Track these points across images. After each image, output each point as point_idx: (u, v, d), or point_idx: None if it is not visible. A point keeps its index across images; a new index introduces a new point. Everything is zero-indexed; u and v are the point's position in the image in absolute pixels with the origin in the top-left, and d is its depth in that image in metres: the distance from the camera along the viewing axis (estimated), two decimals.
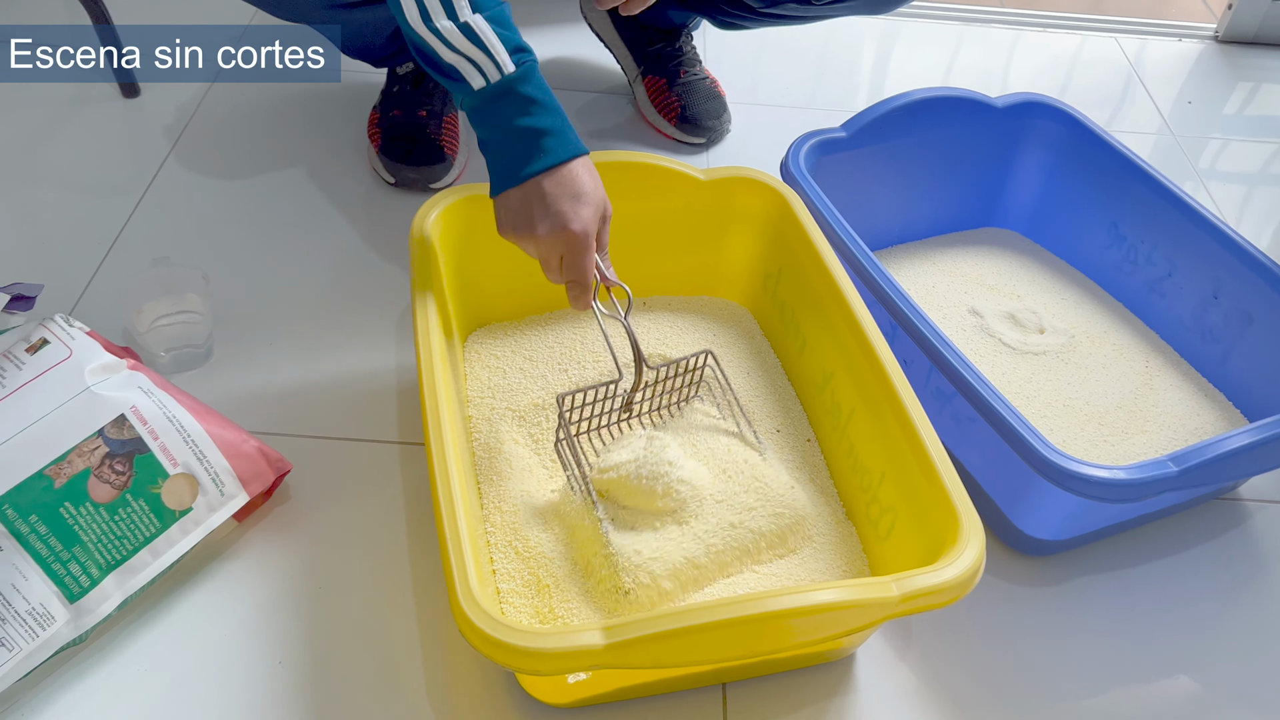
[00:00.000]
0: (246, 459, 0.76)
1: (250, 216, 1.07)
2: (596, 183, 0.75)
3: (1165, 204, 0.94)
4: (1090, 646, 0.79)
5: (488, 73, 0.73)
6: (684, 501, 0.76)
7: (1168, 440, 0.87)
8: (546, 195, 0.73)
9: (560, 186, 0.74)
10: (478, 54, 0.73)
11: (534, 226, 0.73)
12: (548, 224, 0.73)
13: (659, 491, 0.75)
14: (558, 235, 0.73)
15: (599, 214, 0.75)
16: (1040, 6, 1.61)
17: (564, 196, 0.73)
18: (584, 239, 0.73)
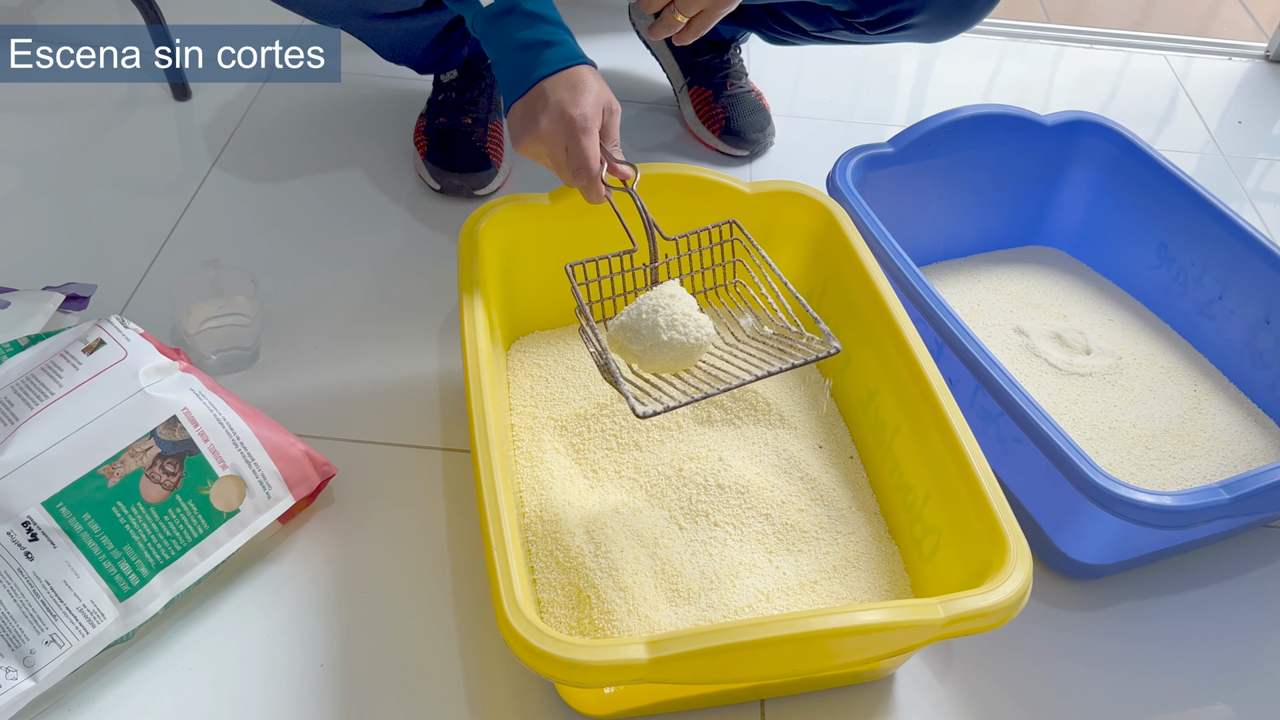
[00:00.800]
0: (293, 462, 0.77)
1: (297, 220, 1.08)
2: (601, 83, 0.78)
3: (1217, 226, 0.93)
4: (1133, 673, 0.78)
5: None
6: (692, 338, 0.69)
7: (1216, 466, 0.86)
8: (546, 92, 0.77)
9: (559, 82, 0.77)
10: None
11: (537, 123, 0.76)
12: (547, 115, 0.76)
13: (662, 324, 0.69)
14: (557, 123, 0.76)
15: (600, 104, 0.77)
16: (1085, 23, 1.60)
17: (562, 88, 0.77)
18: (581, 122, 0.75)
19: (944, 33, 1.04)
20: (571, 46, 0.79)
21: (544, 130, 0.77)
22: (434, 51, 1.10)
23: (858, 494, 0.82)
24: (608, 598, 0.72)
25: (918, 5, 0.99)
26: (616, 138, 0.79)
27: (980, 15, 1.02)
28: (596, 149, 0.77)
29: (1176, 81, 1.47)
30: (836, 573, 0.76)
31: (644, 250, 0.79)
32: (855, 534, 0.78)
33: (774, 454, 0.83)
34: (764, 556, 0.77)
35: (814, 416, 0.87)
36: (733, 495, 0.80)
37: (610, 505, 0.79)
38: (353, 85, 1.27)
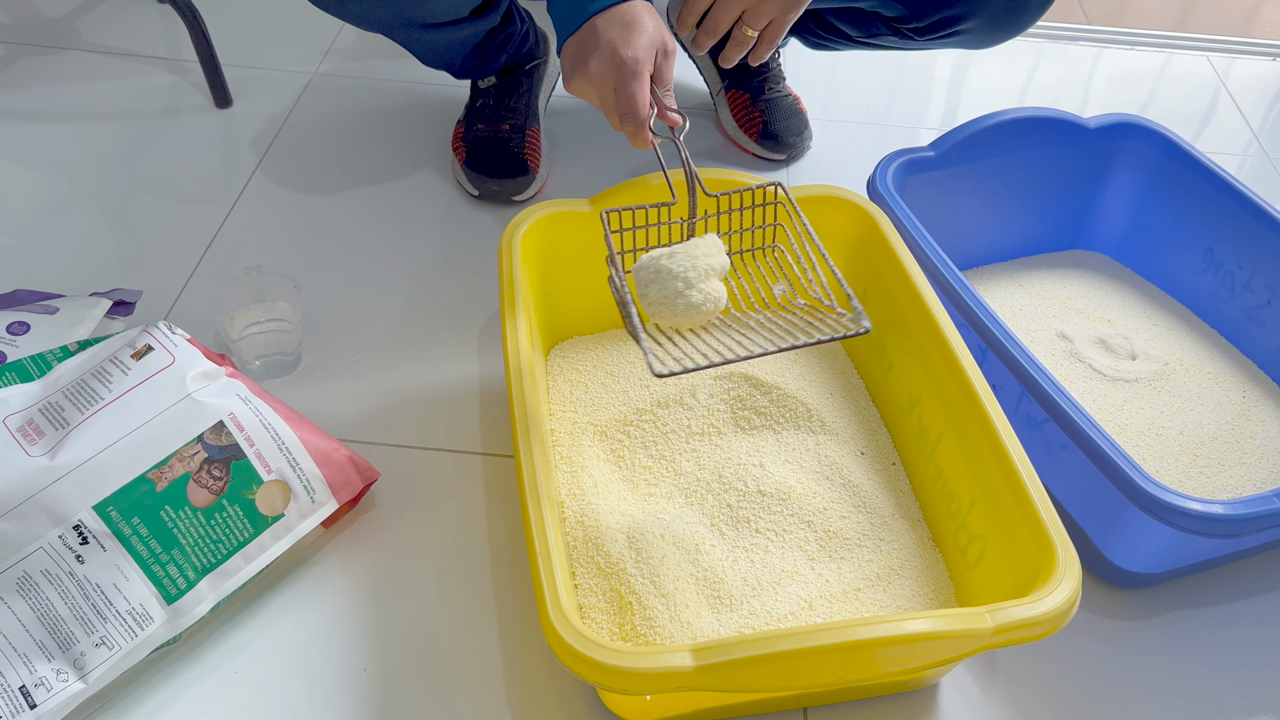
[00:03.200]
0: (337, 467, 0.77)
1: (337, 226, 1.09)
2: (656, 21, 0.75)
3: (1266, 229, 0.91)
4: (1180, 684, 0.77)
5: None
6: (695, 300, 0.67)
7: (1267, 474, 0.84)
8: (598, 30, 0.73)
9: (612, 20, 0.73)
10: None
11: (587, 64, 0.74)
12: (597, 56, 0.73)
13: (677, 272, 0.66)
14: (607, 65, 0.73)
15: (653, 45, 0.74)
16: (1124, 24, 1.58)
17: (614, 27, 0.73)
18: (632, 65, 0.72)
19: (993, 39, 1.03)
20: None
21: (593, 72, 0.74)
22: (474, 58, 1.10)
23: (901, 501, 0.81)
24: (649, 604, 0.72)
25: (968, 11, 0.98)
26: (669, 81, 0.76)
27: (1031, 21, 1.00)
28: (646, 94, 0.73)
29: (1219, 82, 1.45)
30: (880, 580, 0.75)
31: (683, 204, 0.76)
32: (898, 541, 0.78)
33: (815, 460, 0.83)
34: (806, 564, 0.76)
35: (856, 422, 0.87)
36: (774, 501, 0.79)
37: (651, 511, 0.79)
38: (391, 93, 1.28)
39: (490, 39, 1.09)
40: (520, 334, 0.76)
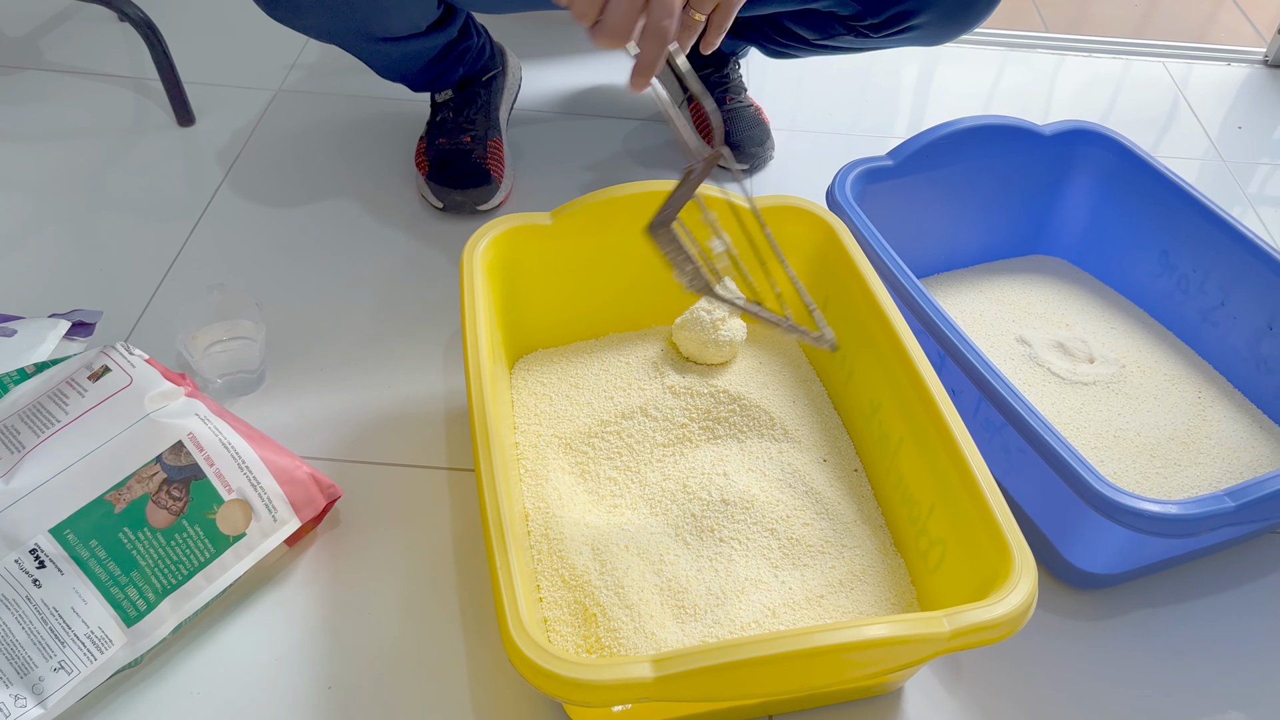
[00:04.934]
0: (299, 485, 0.77)
1: (301, 243, 1.09)
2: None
3: (1219, 232, 0.93)
4: (1143, 682, 0.77)
5: None
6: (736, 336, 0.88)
7: (1222, 473, 0.86)
8: None
9: None
10: None
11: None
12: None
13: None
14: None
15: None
16: (1084, 31, 1.60)
17: None
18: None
19: (946, 34, 1.04)
20: None
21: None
22: (430, 71, 1.11)
23: (863, 507, 0.82)
24: (614, 615, 0.72)
25: (921, 5, 0.99)
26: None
27: (983, 15, 1.01)
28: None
29: (1176, 88, 1.47)
30: (843, 586, 0.76)
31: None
32: (861, 547, 0.78)
33: (778, 468, 0.83)
34: (770, 572, 0.77)
35: (818, 430, 0.87)
36: (738, 510, 0.80)
37: (616, 522, 0.79)
38: (355, 108, 1.28)
39: (447, 52, 1.10)
40: (481, 348, 0.76)
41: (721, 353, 0.90)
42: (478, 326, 0.78)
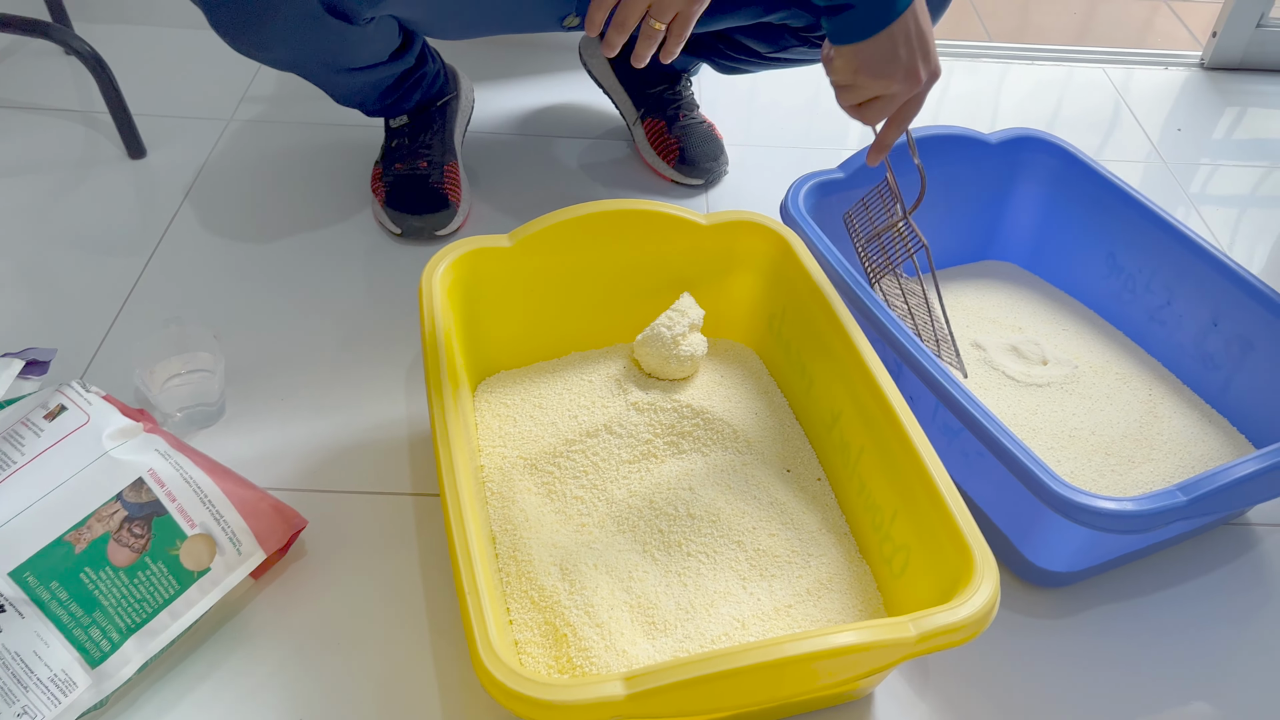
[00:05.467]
0: (263, 517, 0.77)
1: (259, 272, 1.08)
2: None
3: (1161, 233, 0.95)
4: (1108, 677, 0.79)
5: None
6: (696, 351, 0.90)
7: (1174, 468, 0.88)
8: (923, 33, 0.76)
9: (926, 19, 0.76)
10: None
11: (915, 69, 0.76)
12: (927, 67, 0.77)
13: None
14: (932, 80, 0.77)
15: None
16: (1027, 39, 1.64)
17: (931, 35, 0.76)
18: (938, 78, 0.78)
19: None
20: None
21: (920, 79, 0.77)
22: (387, 97, 1.11)
23: (827, 516, 0.83)
24: (584, 634, 0.72)
25: None
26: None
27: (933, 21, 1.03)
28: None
29: (1117, 93, 1.51)
30: (810, 595, 0.77)
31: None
32: (826, 556, 0.79)
33: (743, 481, 0.84)
34: (738, 584, 0.77)
35: (781, 441, 0.88)
36: (704, 524, 0.80)
37: (583, 541, 0.80)
38: (310, 135, 1.28)
39: (404, 79, 1.10)
40: (442, 372, 0.76)
41: (683, 368, 0.91)
42: (438, 350, 0.78)
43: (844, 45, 0.77)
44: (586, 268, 0.91)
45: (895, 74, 0.77)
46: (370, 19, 0.94)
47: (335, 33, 0.93)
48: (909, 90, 0.78)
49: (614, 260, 0.92)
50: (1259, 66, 1.53)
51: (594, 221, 0.89)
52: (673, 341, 0.90)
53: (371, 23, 0.95)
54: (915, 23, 0.75)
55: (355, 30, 0.94)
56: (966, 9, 1.72)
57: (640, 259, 0.92)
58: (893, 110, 0.80)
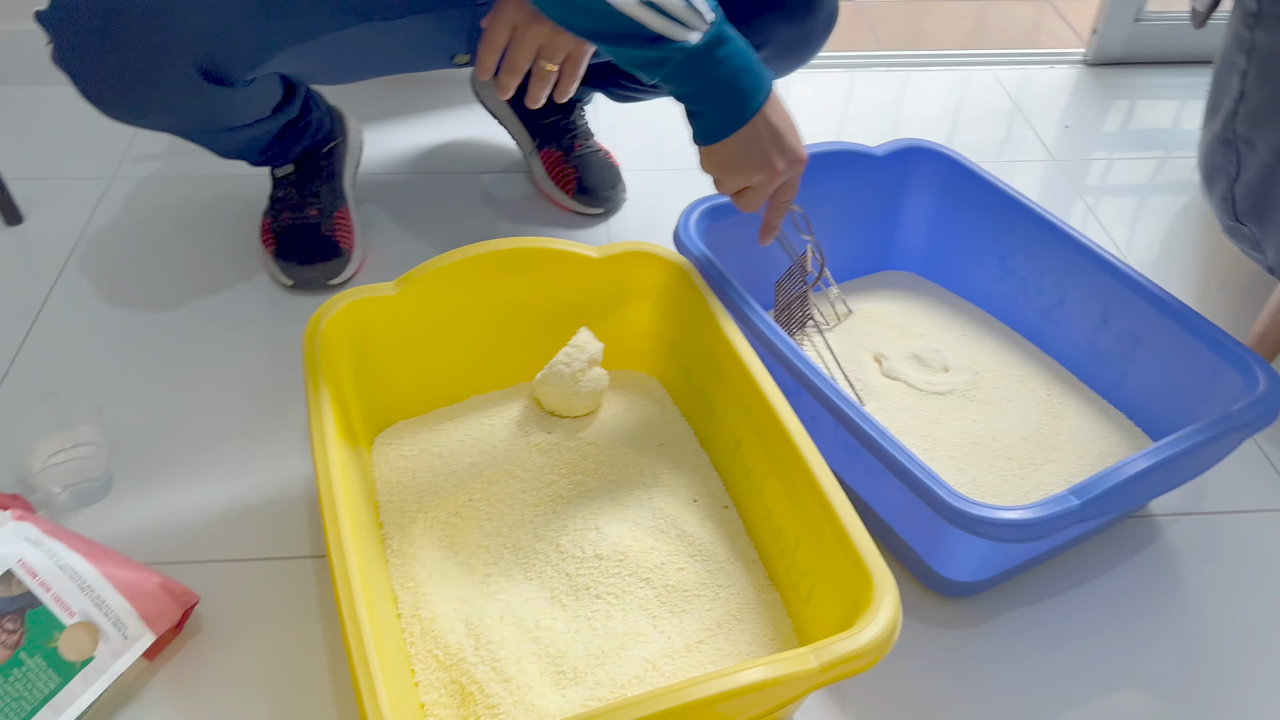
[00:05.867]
0: (149, 597, 0.74)
1: (146, 337, 1.05)
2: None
3: (1048, 235, 0.97)
4: (1024, 680, 0.79)
5: (698, 26, 0.74)
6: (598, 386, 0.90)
7: (1075, 467, 0.88)
8: (775, 128, 0.79)
9: (781, 117, 0.80)
10: (688, 13, 0.74)
11: (772, 162, 0.80)
12: (785, 158, 0.81)
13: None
14: (794, 167, 0.82)
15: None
16: (919, 47, 1.66)
17: (788, 128, 0.80)
18: (804, 160, 0.83)
19: (786, 66, 1.06)
20: (758, 60, 0.79)
21: (778, 171, 0.81)
22: (272, 148, 1.09)
23: (735, 544, 0.82)
24: (491, 691, 0.70)
25: (761, 40, 1.00)
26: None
27: (818, 44, 1.04)
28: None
29: (1009, 94, 1.53)
30: (721, 629, 0.76)
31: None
32: (735, 586, 0.78)
33: (650, 514, 0.83)
34: (648, 623, 0.76)
35: (686, 470, 0.87)
36: (612, 564, 0.79)
37: (489, 593, 0.78)
38: (195, 190, 1.24)
39: (289, 130, 1.08)
40: (327, 432, 0.74)
41: (585, 404, 0.90)
42: (322, 409, 0.75)
43: (701, 146, 0.81)
44: (478, 309, 0.90)
45: (750, 171, 0.81)
46: (251, 80, 0.92)
47: (214, 97, 0.91)
48: (770, 182, 0.82)
49: (506, 300, 0.90)
50: (1140, 60, 1.57)
51: (482, 263, 0.87)
52: (573, 378, 0.89)
53: (253, 83, 0.93)
54: (767, 123, 0.79)
55: (235, 92, 0.92)
56: (857, 20, 1.74)
57: (533, 296, 0.91)
58: (765, 197, 0.83)
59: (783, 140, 0.80)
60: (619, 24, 0.73)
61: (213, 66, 0.87)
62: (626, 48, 0.76)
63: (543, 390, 0.90)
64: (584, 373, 0.90)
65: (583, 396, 0.90)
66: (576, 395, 0.89)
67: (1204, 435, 0.77)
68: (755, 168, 0.80)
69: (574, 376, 0.89)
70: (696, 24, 0.74)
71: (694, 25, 0.74)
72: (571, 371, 0.89)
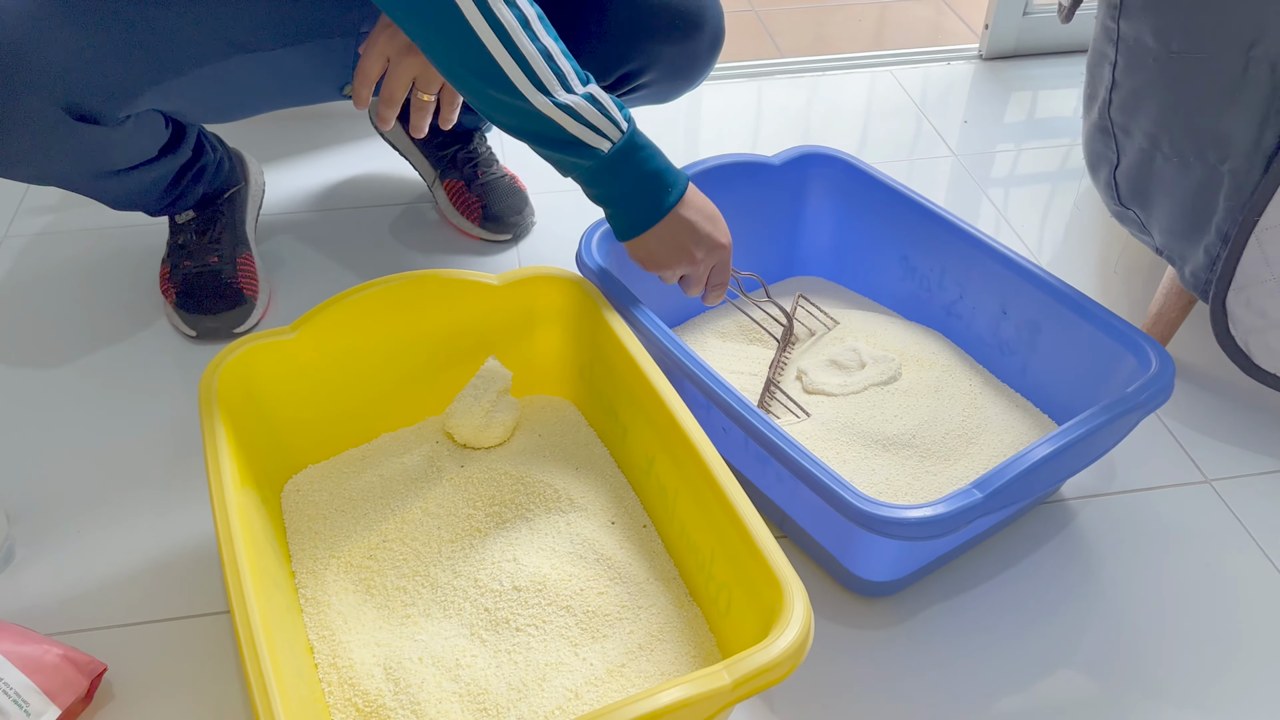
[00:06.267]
0: (51, 670, 0.71)
1: (48, 399, 1.02)
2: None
3: (943, 231, 0.98)
4: (949, 674, 0.80)
5: (612, 135, 0.79)
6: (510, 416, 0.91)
7: (988, 459, 0.90)
8: (692, 223, 0.83)
9: (695, 211, 0.84)
10: (603, 121, 0.78)
11: (691, 253, 0.84)
12: (703, 248, 0.84)
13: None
14: (714, 254, 0.86)
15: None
16: (823, 51, 1.69)
17: (703, 220, 0.84)
18: (730, 248, 0.86)
19: (676, 89, 1.07)
20: (673, 165, 0.84)
21: (701, 259, 0.85)
22: (167, 195, 1.06)
23: (655, 563, 0.82)
24: None
25: (645, 65, 1.01)
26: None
27: (705, 66, 1.05)
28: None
29: (910, 93, 1.56)
30: (643, 650, 0.75)
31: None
32: (656, 605, 0.78)
33: (568, 541, 0.82)
34: (570, 651, 0.75)
35: (604, 492, 0.87)
36: (531, 595, 0.78)
37: (408, 634, 0.77)
38: (91, 244, 1.21)
39: (183, 174, 1.05)
40: (226, 482, 0.72)
41: (497, 434, 0.89)
42: (220, 459, 0.74)
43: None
44: (381, 346, 0.89)
45: (672, 263, 0.85)
46: (126, 117, 0.90)
47: (88, 138, 0.88)
48: (693, 269, 0.86)
49: (409, 334, 0.89)
50: (1031, 51, 1.61)
51: (379, 299, 0.86)
52: (482, 409, 0.88)
53: (129, 121, 0.91)
54: (681, 219, 0.83)
55: (111, 132, 0.90)
56: (757, 29, 1.76)
57: (437, 329, 0.90)
58: (701, 281, 0.87)
59: (698, 232, 0.84)
60: (538, 123, 0.77)
61: (80, 104, 0.85)
62: (544, 147, 0.79)
63: (453, 423, 0.89)
64: (494, 402, 0.89)
65: (494, 426, 0.89)
66: (488, 425, 0.89)
67: (1101, 418, 0.79)
68: (675, 260, 0.84)
69: (484, 407, 0.88)
70: (610, 133, 0.78)
71: (608, 134, 0.78)
72: (480, 402, 0.88)
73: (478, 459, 0.90)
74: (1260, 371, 0.94)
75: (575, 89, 0.77)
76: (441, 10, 0.74)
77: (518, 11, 0.75)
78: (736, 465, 0.86)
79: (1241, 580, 0.87)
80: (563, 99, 0.76)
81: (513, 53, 0.75)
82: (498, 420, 0.89)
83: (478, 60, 0.75)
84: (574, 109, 0.77)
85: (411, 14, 0.76)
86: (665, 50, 0.98)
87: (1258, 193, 0.85)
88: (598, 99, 0.78)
